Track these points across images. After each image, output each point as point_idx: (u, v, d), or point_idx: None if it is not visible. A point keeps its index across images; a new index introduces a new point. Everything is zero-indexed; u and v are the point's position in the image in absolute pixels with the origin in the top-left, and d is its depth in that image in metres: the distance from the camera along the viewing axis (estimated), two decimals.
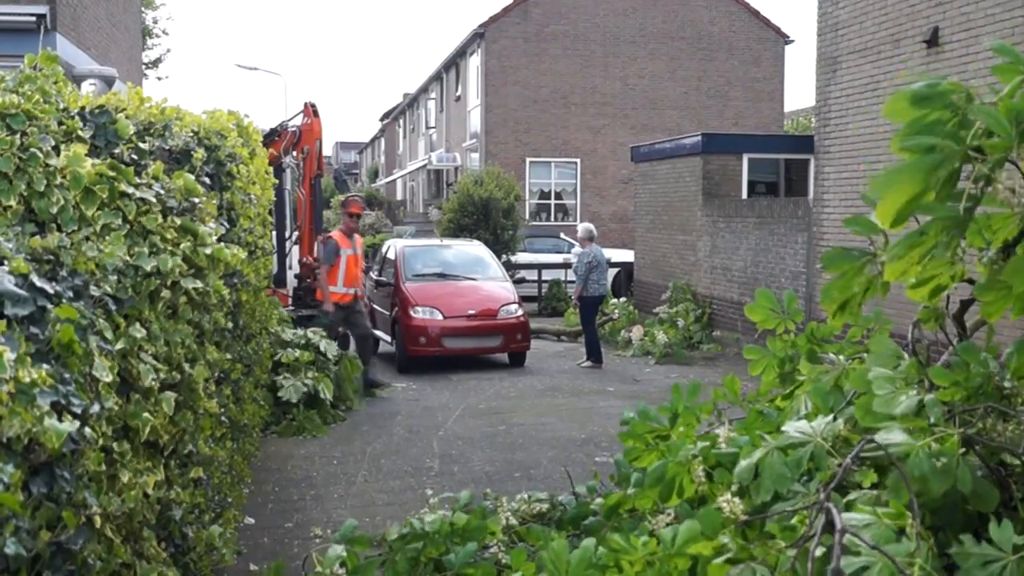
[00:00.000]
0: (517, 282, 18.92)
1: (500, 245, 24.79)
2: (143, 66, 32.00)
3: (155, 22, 40.01)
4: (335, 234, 12.94)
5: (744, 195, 18.69)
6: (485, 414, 11.74)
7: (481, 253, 17.86)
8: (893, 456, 2.73)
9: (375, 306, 16.48)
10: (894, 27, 12.81)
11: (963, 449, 2.74)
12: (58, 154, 3.86)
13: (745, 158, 18.91)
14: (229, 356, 5.79)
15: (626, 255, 24.64)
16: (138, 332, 3.53)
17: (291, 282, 15.46)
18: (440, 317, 15.05)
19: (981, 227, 2.75)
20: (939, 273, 2.84)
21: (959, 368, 3.08)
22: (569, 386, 13.82)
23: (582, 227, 16.05)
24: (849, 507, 2.84)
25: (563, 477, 7.78)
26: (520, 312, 15.67)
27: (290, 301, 14.34)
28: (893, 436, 2.76)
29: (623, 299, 20.07)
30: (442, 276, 16.54)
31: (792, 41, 36.91)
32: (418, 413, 11.77)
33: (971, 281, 3.07)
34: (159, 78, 45.82)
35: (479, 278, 16.66)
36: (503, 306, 15.55)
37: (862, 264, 3.23)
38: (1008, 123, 2.41)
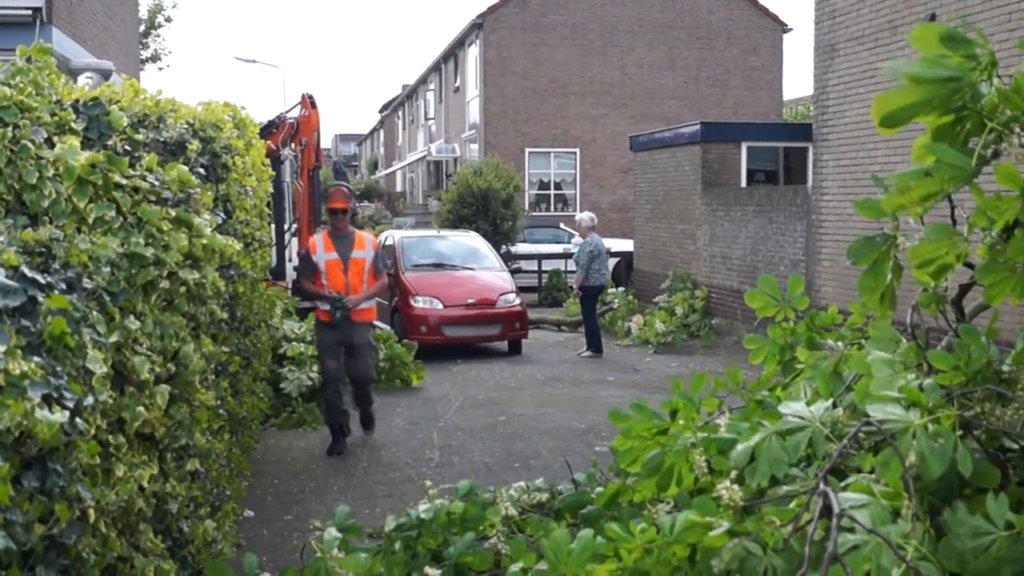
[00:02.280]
0: (513, 272, 19.08)
1: (500, 236, 24.74)
2: (141, 59, 31.93)
3: (160, 10, 39.68)
4: (315, 239, 9.99)
5: (743, 183, 18.67)
6: (485, 404, 11.74)
7: (477, 244, 18.18)
8: (887, 433, 2.71)
9: None
10: (891, 14, 12.78)
11: (961, 431, 2.72)
12: (51, 146, 3.84)
13: (744, 146, 18.88)
14: (226, 349, 5.77)
15: (626, 245, 24.62)
16: (132, 324, 3.52)
17: (290, 274, 15.44)
18: (440, 306, 15.33)
19: (988, 207, 2.73)
20: (944, 253, 2.81)
21: (959, 352, 3.06)
22: (569, 376, 13.81)
23: (584, 216, 16.08)
24: (849, 489, 2.83)
25: (563, 467, 7.77)
26: (518, 301, 15.93)
27: (290, 294, 14.32)
28: (891, 409, 2.74)
29: (623, 289, 20.05)
30: (440, 266, 16.84)
31: (790, 29, 36.86)
32: (418, 404, 11.76)
33: (970, 266, 3.05)
34: (160, 68, 45.66)
35: (476, 268, 16.93)
36: (501, 295, 15.84)
37: (887, 248, 3.18)
38: None
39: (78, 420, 2.74)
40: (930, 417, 2.68)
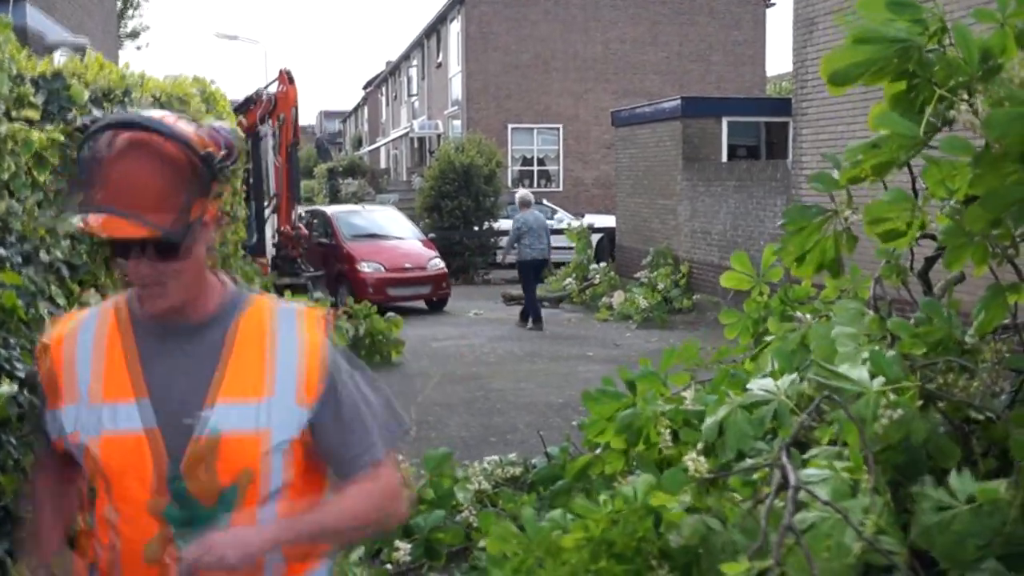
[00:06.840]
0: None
1: (482, 212, 24.71)
2: (120, 37, 31.66)
3: None
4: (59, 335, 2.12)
5: (724, 158, 18.64)
6: (464, 380, 11.73)
7: (398, 217, 20.84)
8: (844, 401, 2.70)
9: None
10: None
11: (921, 402, 2.71)
12: (10, 120, 3.78)
13: (725, 121, 18.85)
14: None
15: (609, 220, 24.59)
16: (93, 298, 3.48)
17: (269, 251, 15.42)
18: (383, 270, 17.55)
19: (944, 177, 2.71)
20: (895, 216, 2.80)
21: (922, 324, 3.06)
22: (549, 351, 13.82)
23: (519, 193, 17.13)
24: (809, 463, 2.83)
25: (539, 442, 7.78)
26: (442, 264, 18.50)
27: (269, 269, 14.30)
28: (855, 372, 2.73)
29: (604, 264, 20.08)
30: (374, 236, 18.96)
31: (773, 4, 36.79)
32: (396, 379, 11.72)
33: (934, 238, 3.05)
34: (138, 48, 45.34)
35: (405, 238, 19.29)
36: (430, 260, 18.26)
37: (820, 221, 3.22)
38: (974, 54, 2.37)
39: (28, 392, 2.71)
40: (891, 387, 2.68)
